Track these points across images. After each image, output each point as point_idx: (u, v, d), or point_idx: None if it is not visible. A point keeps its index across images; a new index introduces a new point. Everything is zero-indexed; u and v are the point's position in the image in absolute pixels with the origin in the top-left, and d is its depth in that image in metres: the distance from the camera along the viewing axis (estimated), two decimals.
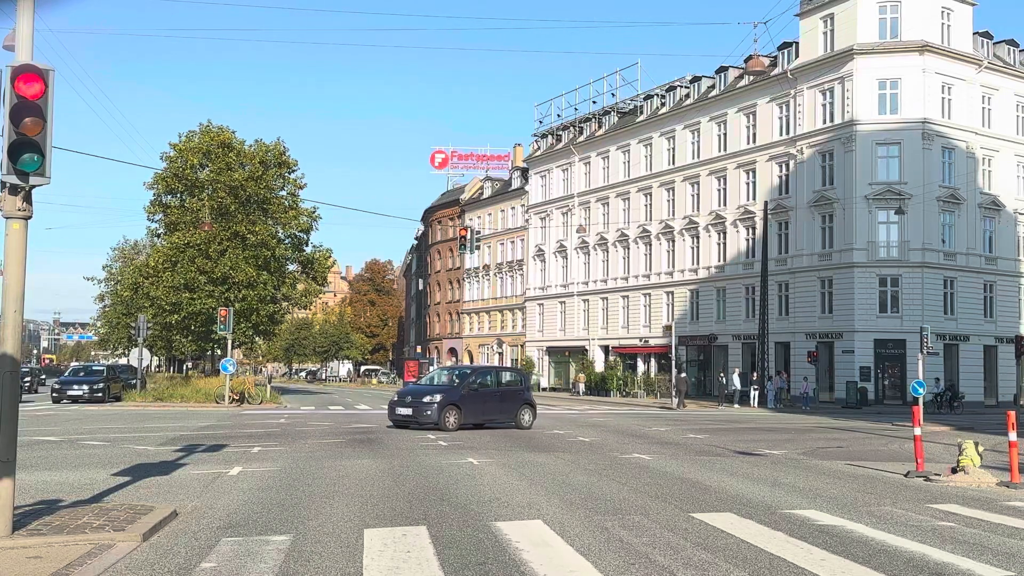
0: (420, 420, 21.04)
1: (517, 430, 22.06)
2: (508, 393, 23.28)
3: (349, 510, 9.42)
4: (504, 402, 22.91)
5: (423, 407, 21.14)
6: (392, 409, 22.19)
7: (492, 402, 22.70)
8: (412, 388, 24.30)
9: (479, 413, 22.13)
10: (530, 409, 23.21)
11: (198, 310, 40.32)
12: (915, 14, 42.72)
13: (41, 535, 7.55)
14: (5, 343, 7.51)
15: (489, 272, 74.21)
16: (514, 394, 23.32)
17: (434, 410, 20.90)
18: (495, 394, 23.01)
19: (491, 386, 23.37)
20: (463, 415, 21.35)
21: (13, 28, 7.90)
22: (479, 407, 22.12)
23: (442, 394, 21.52)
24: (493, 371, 25.17)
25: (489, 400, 22.65)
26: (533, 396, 24.69)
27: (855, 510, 10.01)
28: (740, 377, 42.39)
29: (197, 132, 42.84)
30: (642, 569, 6.82)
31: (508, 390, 23.47)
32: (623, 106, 61.66)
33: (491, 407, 22.61)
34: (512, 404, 22.92)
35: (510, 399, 23.05)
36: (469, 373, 23.41)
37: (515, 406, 22.90)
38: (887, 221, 42.40)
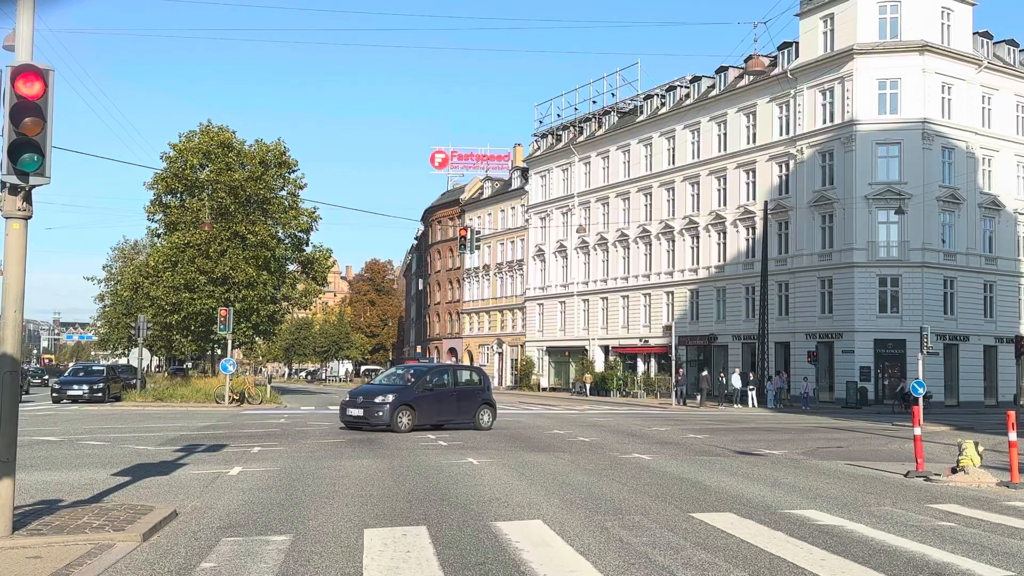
0: (371, 421, 20.29)
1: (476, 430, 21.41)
2: (466, 393, 22.50)
3: (349, 510, 9.42)
4: (462, 402, 22.15)
5: (374, 408, 20.35)
6: (343, 410, 21.41)
7: (449, 402, 21.94)
8: (364, 388, 23.50)
9: (435, 414, 21.48)
10: (489, 409, 22.55)
11: (198, 310, 40.34)
12: (915, 14, 42.72)
13: (41, 535, 7.55)
14: (5, 343, 7.51)
15: (489, 272, 74.21)
16: (473, 394, 22.55)
17: (386, 411, 20.14)
18: (452, 394, 22.23)
19: (448, 386, 22.58)
20: (417, 416, 20.70)
21: (13, 28, 7.90)
22: (435, 407, 21.45)
23: (395, 394, 20.77)
24: (450, 370, 24.35)
25: (445, 400, 21.89)
26: (493, 396, 23.91)
27: (855, 510, 10.01)
28: (740, 377, 42.42)
29: (197, 132, 42.86)
30: (642, 569, 6.82)
31: (466, 390, 22.70)
32: (623, 106, 61.66)
33: (448, 407, 21.87)
34: (470, 404, 22.20)
35: (468, 399, 22.29)
36: (425, 372, 22.78)
37: (473, 406, 22.18)
38: (887, 221, 42.40)
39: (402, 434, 20.58)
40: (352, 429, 20.76)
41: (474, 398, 22.42)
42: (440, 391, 22.01)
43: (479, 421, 22.03)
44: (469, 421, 22.01)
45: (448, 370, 24.24)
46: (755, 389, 41.18)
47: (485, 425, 22.04)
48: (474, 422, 21.99)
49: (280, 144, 43.76)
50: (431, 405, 21.29)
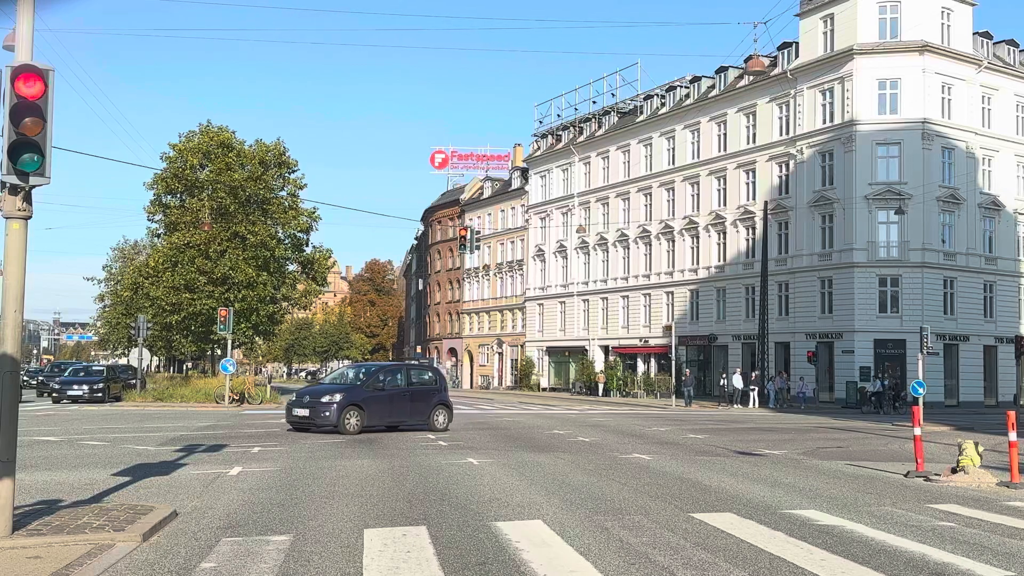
0: (317, 422, 19.54)
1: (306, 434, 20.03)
2: (420, 393, 21.66)
3: (349, 510, 9.42)
4: (416, 403, 21.33)
5: (321, 408, 19.60)
6: (289, 410, 20.63)
7: (401, 402, 21.07)
8: (311, 388, 22.49)
9: (386, 414, 20.67)
10: (445, 410, 21.75)
11: (198, 310, 40.32)
12: (915, 14, 42.72)
13: (41, 535, 7.55)
14: (5, 343, 7.51)
15: (489, 272, 74.21)
16: (427, 394, 21.75)
17: (333, 411, 19.39)
18: (405, 394, 21.29)
19: (401, 385, 21.55)
20: (367, 417, 19.91)
21: (13, 28, 7.91)
22: (386, 408, 20.63)
23: (343, 393, 19.97)
24: (404, 369, 23.27)
25: (398, 400, 21.01)
26: (450, 397, 23.05)
27: (855, 510, 10.01)
28: (742, 377, 42.37)
29: (197, 132, 42.82)
30: (642, 569, 6.82)
31: (421, 390, 21.85)
32: (623, 106, 61.66)
33: (400, 408, 21.02)
34: (425, 405, 21.42)
35: (422, 399, 21.49)
36: (376, 371, 21.84)
37: (428, 407, 21.41)
38: (887, 221, 42.40)
39: (402, 435, 20.58)
40: (299, 431, 19.98)
41: (429, 399, 21.61)
42: (392, 391, 21.11)
43: (434, 423, 21.27)
44: (424, 423, 21.26)
45: (401, 369, 23.22)
46: (756, 389, 41.15)
47: (440, 427, 21.30)
48: (429, 424, 21.24)
49: (280, 144, 43.73)
50: (382, 405, 20.51)
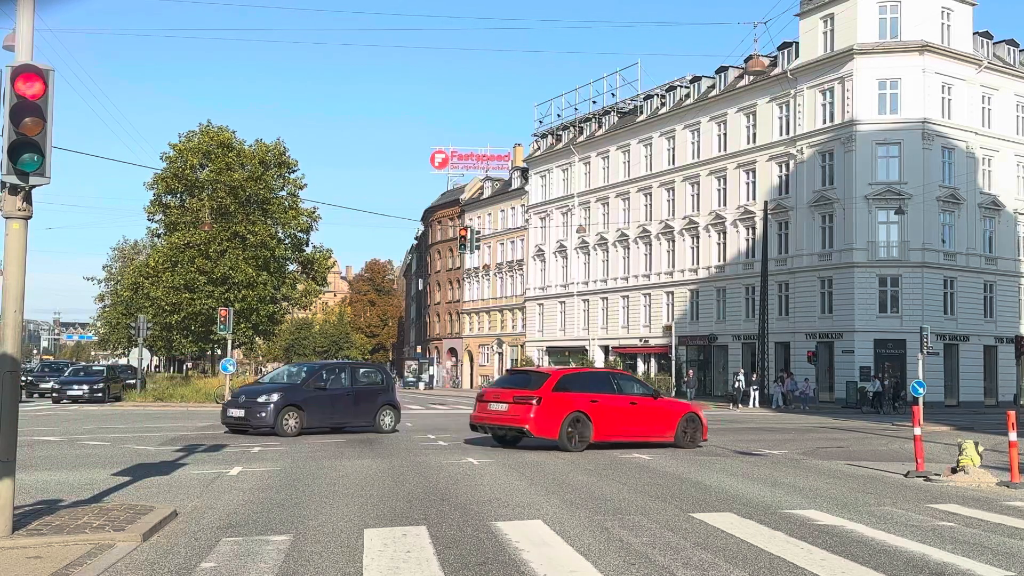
0: (253, 423, 18.70)
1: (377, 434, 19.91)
2: (365, 393, 20.70)
3: (349, 510, 9.42)
4: (360, 403, 20.40)
5: (257, 408, 18.75)
6: (224, 411, 19.90)
7: (344, 403, 20.13)
8: (248, 387, 21.77)
9: (327, 415, 19.80)
10: (392, 411, 20.87)
11: (198, 310, 40.34)
12: (915, 14, 42.74)
13: (41, 535, 7.54)
14: (5, 343, 7.51)
15: (489, 272, 74.22)
16: (372, 394, 20.83)
17: (270, 412, 18.57)
18: (348, 394, 20.32)
19: (344, 385, 20.59)
20: (307, 418, 19.06)
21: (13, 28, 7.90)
22: (327, 408, 19.73)
23: (281, 393, 19.14)
24: (347, 368, 22.19)
25: (340, 401, 20.07)
26: (398, 397, 22.17)
27: (855, 510, 10.01)
28: (745, 377, 42.15)
29: (197, 132, 42.87)
30: (642, 569, 6.82)
31: (365, 389, 20.87)
32: (623, 106, 61.67)
33: (343, 408, 20.11)
34: (370, 405, 20.53)
35: (367, 400, 20.57)
36: (318, 369, 20.92)
37: (374, 408, 20.52)
38: (887, 221, 42.41)
39: (402, 435, 20.56)
40: (235, 432, 19.16)
41: (374, 399, 20.71)
42: (335, 391, 20.16)
43: (380, 424, 20.47)
44: (369, 424, 20.46)
45: (345, 368, 22.10)
46: (758, 389, 41.00)
47: (387, 428, 20.50)
48: (374, 425, 20.43)
49: (280, 144, 43.78)
50: (323, 406, 19.61)
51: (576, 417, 16.15)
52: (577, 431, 16.15)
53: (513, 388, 16.82)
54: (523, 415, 15.96)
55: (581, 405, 16.27)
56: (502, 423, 16.51)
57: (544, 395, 16.06)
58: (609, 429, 16.61)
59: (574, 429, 16.13)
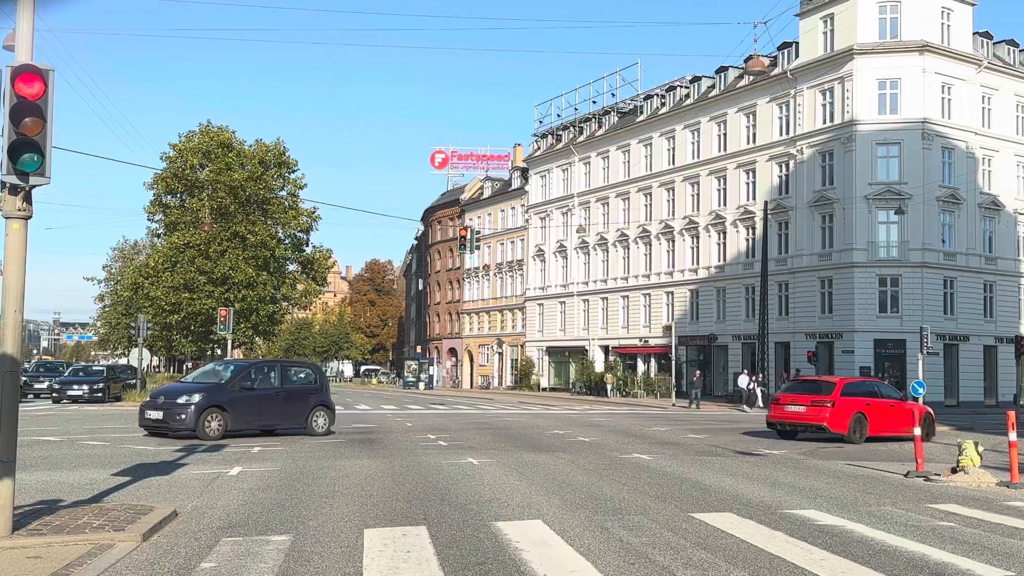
0: (172, 426, 17.66)
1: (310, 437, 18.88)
2: (296, 393, 19.69)
3: (349, 510, 9.42)
4: (291, 404, 19.38)
5: (177, 410, 17.68)
6: (142, 412, 18.69)
7: (273, 403, 19.11)
8: (168, 387, 20.64)
9: (254, 417, 18.79)
10: (326, 412, 19.86)
11: (198, 310, 40.35)
12: (915, 14, 42.73)
13: (41, 535, 7.55)
14: (5, 343, 7.51)
15: (489, 272, 74.22)
16: (304, 394, 19.82)
17: (190, 414, 17.47)
18: (278, 394, 19.29)
19: (273, 384, 19.57)
20: (231, 420, 18.05)
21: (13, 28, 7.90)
22: (254, 410, 18.72)
23: (203, 393, 18.04)
24: (277, 366, 20.83)
25: (268, 401, 19.05)
26: (331, 397, 21.10)
27: (855, 510, 10.01)
28: (748, 378, 41.60)
29: (197, 132, 42.87)
30: (642, 569, 6.82)
31: (297, 389, 19.87)
32: (623, 106, 61.66)
33: (272, 409, 19.07)
34: (301, 406, 19.52)
35: (298, 400, 19.58)
36: (245, 368, 19.71)
37: (306, 409, 19.52)
38: (887, 221, 42.40)
39: (402, 435, 20.56)
40: (154, 435, 18.15)
41: (306, 399, 19.72)
42: (263, 391, 19.20)
43: (313, 426, 19.47)
44: (300, 426, 19.46)
45: (275, 367, 20.81)
46: (764, 390, 40.23)
47: (320, 430, 19.51)
48: (307, 427, 19.44)
49: (280, 144, 43.78)
50: (250, 407, 18.62)
51: (858, 416, 20.14)
52: (859, 427, 20.10)
53: (806, 394, 20.71)
54: (820, 415, 19.93)
55: (860, 407, 20.28)
56: (800, 421, 20.44)
57: (835, 399, 20.11)
58: (878, 426, 20.43)
59: (857, 425, 20.07)
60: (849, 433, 19.84)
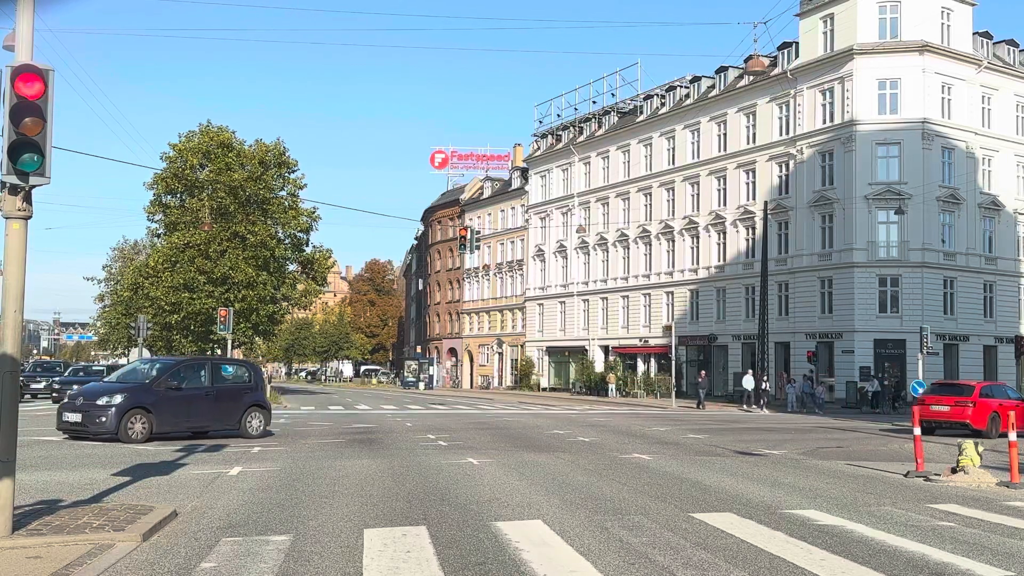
0: (92, 429, 16.65)
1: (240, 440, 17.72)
2: (228, 392, 18.68)
3: (349, 510, 9.42)
4: (223, 404, 18.31)
5: (96, 412, 16.65)
6: (59, 414, 17.46)
7: (204, 404, 18.02)
8: (87, 387, 19.32)
9: (182, 418, 17.70)
10: (261, 413, 18.78)
11: (198, 310, 40.34)
12: (915, 14, 42.72)
13: (41, 535, 7.55)
14: (5, 343, 7.51)
15: (489, 272, 74.22)
16: (237, 394, 18.76)
17: (111, 416, 16.35)
18: (209, 394, 18.18)
19: (203, 383, 18.41)
20: (157, 422, 17.04)
21: (13, 28, 7.90)
22: (182, 410, 17.64)
23: (125, 394, 17.01)
24: (208, 364, 19.61)
25: (198, 401, 17.95)
26: (267, 397, 20.00)
27: (855, 510, 10.01)
28: (752, 378, 41.04)
29: (197, 132, 42.86)
30: (642, 569, 6.82)
31: (229, 388, 18.85)
32: (623, 106, 61.65)
33: (201, 410, 17.97)
34: (235, 407, 18.43)
35: (231, 400, 18.50)
36: (172, 366, 18.53)
37: (239, 409, 18.41)
38: (887, 221, 42.40)
39: (402, 435, 20.53)
40: (74, 439, 17.06)
41: (239, 399, 18.63)
42: (192, 391, 18.08)
43: (247, 427, 18.41)
44: (234, 427, 18.41)
45: (205, 364, 19.62)
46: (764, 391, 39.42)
47: (255, 432, 18.42)
48: (240, 429, 18.36)
49: (280, 144, 43.79)
50: (178, 408, 17.55)
51: (993, 415, 22.85)
52: (995, 424, 22.61)
53: (949, 395, 23.62)
54: (963, 413, 22.80)
55: (995, 407, 23.05)
56: (945, 419, 23.05)
57: (976, 400, 23.09)
58: (1005, 424, 21.25)
59: (993, 423, 22.68)
60: (987, 429, 22.31)
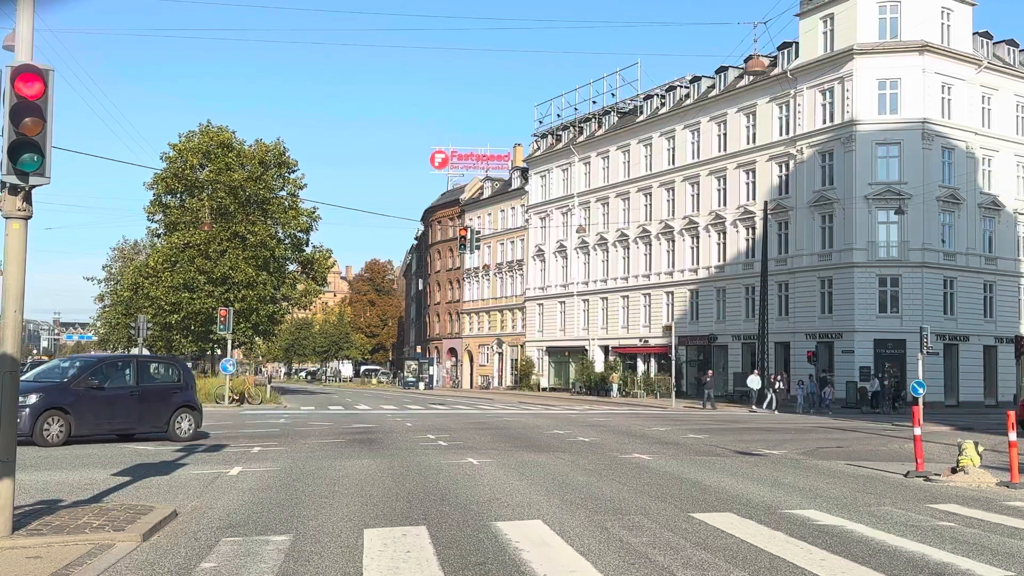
0: None
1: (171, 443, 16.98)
2: (155, 393, 17.64)
3: (349, 510, 9.42)
4: (149, 405, 17.29)
5: None
6: None
7: (127, 405, 16.95)
8: None
9: (104, 419, 16.68)
10: (191, 414, 17.80)
11: (198, 310, 40.38)
12: (915, 14, 42.72)
13: (41, 535, 7.55)
14: (5, 343, 7.51)
15: (489, 272, 74.21)
16: (165, 394, 17.77)
17: (24, 417, 15.11)
18: (133, 394, 17.15)
19: (128, 383, 17.35)
20: (75, 423, 16.06)
21: (13, 28, 7.90)
22: (104, 411, 16.63)
23: (40, 394, 15.91)
24: (133, 363, 18.40)
25: (122, 402, 16.82)
26: (197, 397, 18.82)
27: (855, 510, 10.01)
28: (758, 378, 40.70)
29: (197, 132, 42.92)
30: (642, 569, 6.82)
31: (156, 388, 17.81)
32: (623, 106, 61.64)
33: (125, 411, 16.86)
34: (162, 408, 17.45)
35: (159, 401, 17.50)
36: (93, 364, 17.62)
37: (167, 410, 17.46)
38: (887, 221, 42.39)
39: (402, 435, 20.52)
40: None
41: (167, 399, 17.66)
42: (115, 391, 17.05)
43: (175, 430, 17.48)
44: (160, 429, 17.46)
45: (130, 363, 18.37)
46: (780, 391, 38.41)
47: (184, 435, 17.49)
48: (168, 431, 17.44)
49: (280, 144, 43.84)
50: (99, 409, 16.54)
51: None
52: None
53: None
54: None
55: None
56: None
57: None
58: None
59: None
60: None
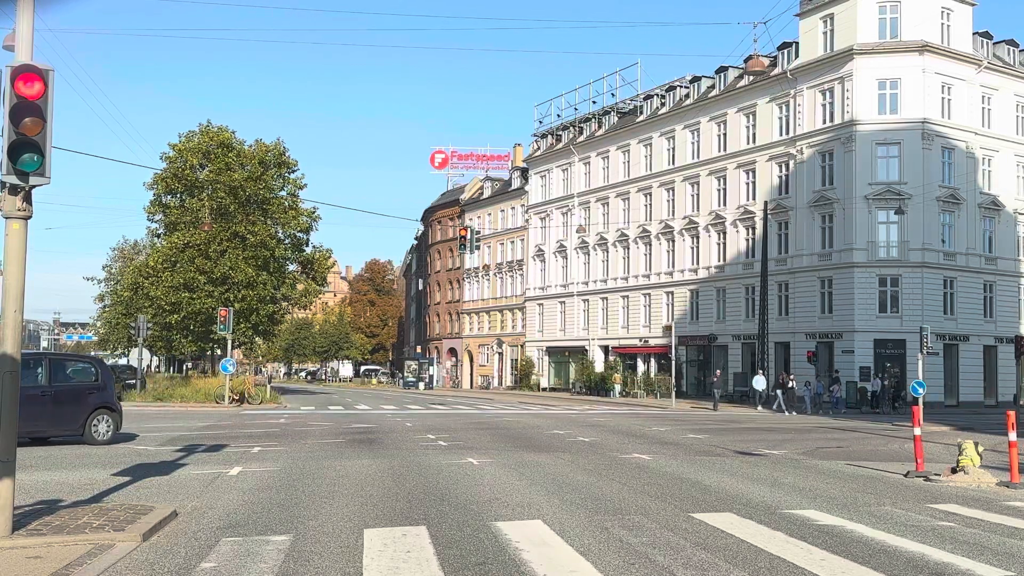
0: None
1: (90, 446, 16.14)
2: (70, 393, 16.74)
3: (349, 510, 9.42)
4: (63, 406, 16.33)
5: None
6: None
7: (40, 406, 15.72)
8: None
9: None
10: (109, 416, 16.89)
11: (198, 310, 40.37)
12: (915, 14, 42.72)
13: (41, 535, 7.55)
14: (5, 343, 7.51)
15: (489, 272, 74.21)
16: (81, 394, 16.85)
17: None
18: (46, 394, 16.08)
19: (40, 383, 16.11)
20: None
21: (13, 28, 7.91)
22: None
23: None
24: (44, 361, 17.07)
25: (32, 403, 15.02)
26: (115, 397, 17.84)
27: (855, 510, 10.01)
28: (763, 379, 40.38)
29: (196, 132, 42.91)
30: (642, 569, 6.82)
31: (71, 389, 16.90)
32: (623, 106, 61.64)
33: (36, 413, 15.45)
34: (77, 409, 16.52)
35: (73, 402, 16.58)
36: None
37: (83, 412, 16.53)
38: (887, 221, 42.38)
39: (402, 435, 20.51)
40: None
41: (83, 400, 16.73)
42: (24, 391, 16.51)
43: (92, 432, 16.59)
44: (76, 432, 16.54)
45: (42, 361, 16.98)
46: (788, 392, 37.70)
47: (101, 438, 16.60)
48: (85, 434, 16.53)
49: (280, 144, 43.83)
50: None
51: None
52: None
53: None
54: None
55: None
56: None
57: None
58: None
59: None
60: None
